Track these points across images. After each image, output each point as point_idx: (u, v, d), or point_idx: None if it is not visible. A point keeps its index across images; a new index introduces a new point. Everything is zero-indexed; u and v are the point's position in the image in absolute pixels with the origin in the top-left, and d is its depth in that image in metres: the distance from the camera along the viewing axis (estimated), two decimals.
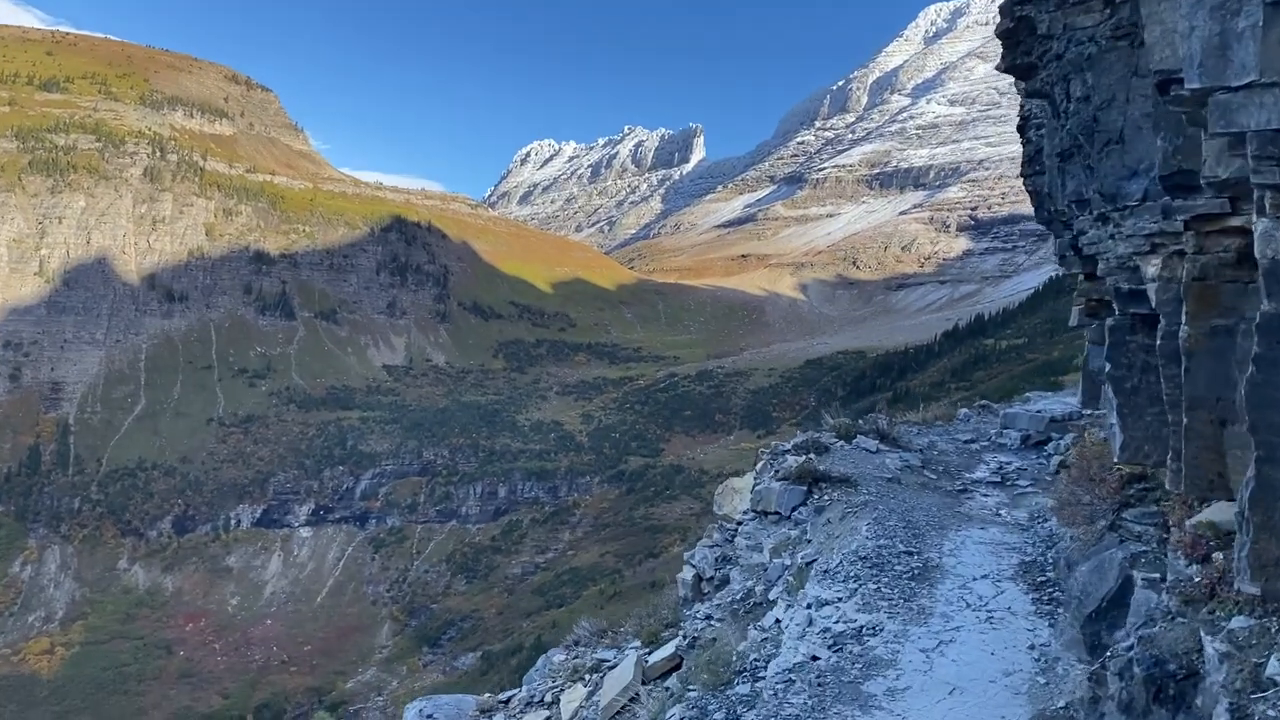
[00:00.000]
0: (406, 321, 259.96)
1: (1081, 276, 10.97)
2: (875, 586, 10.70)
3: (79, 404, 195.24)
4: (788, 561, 13.36)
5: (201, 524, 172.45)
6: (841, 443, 18.36)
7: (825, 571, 11.32)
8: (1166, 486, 7.99)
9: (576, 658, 14.02)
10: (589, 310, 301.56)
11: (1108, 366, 8.84)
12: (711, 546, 16.57)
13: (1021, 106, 13.73)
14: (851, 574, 11.14)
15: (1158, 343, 8.01)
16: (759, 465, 17.76)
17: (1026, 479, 16.79)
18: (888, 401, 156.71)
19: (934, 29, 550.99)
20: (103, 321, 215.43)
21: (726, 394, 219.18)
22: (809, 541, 13.66)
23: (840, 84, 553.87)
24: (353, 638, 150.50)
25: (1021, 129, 13.68)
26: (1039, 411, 21.27)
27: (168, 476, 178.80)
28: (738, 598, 13.48)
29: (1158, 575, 7.62)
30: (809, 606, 10.34)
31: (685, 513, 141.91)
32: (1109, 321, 8.96)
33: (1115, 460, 8.15)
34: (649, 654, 12.43)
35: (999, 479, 16.75)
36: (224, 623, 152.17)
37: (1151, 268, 7.98)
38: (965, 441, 20.28)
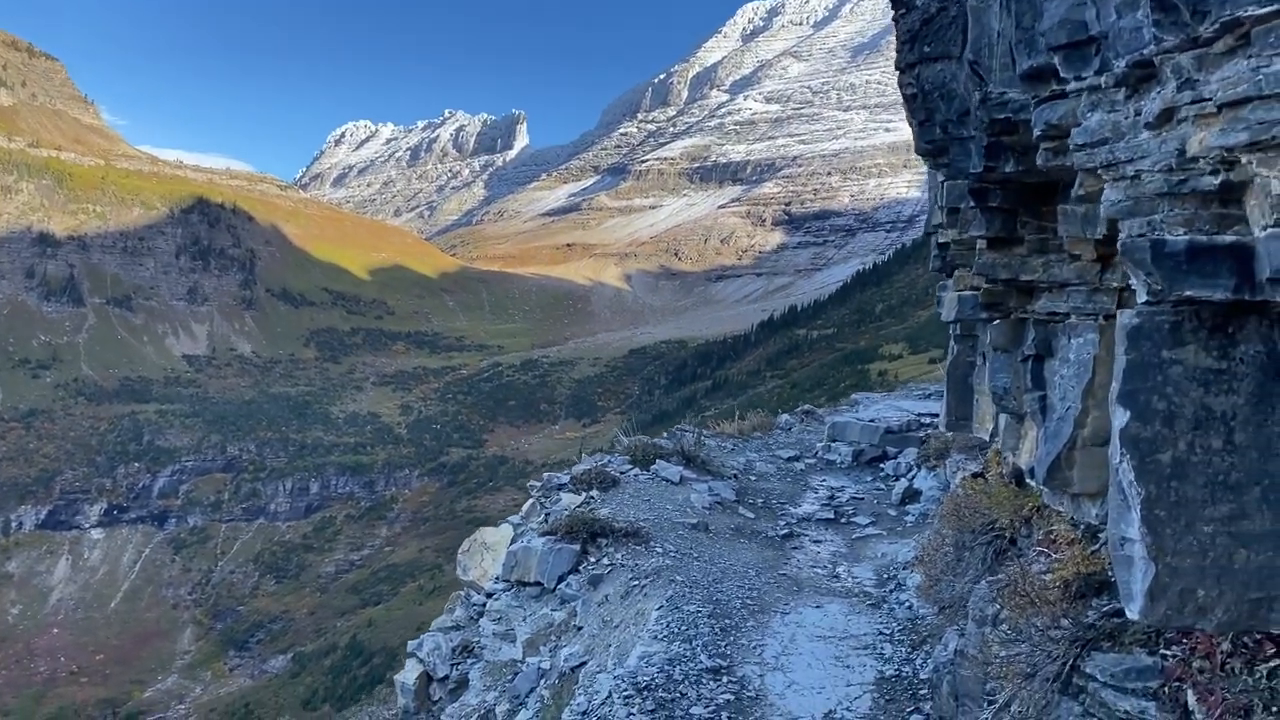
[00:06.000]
0: (209, 309, 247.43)
1: (984, 243, 6.86)
2: None
3: None
4: (546, 663, 10.06)
5: None
6: (636, 470, 14.58)
7: (584, 713, 7.69)
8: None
9: None
10: (408, 298, 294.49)
11: (1122, 416, 4.40)
12: (449, 630, 12.60)
13: None
14: None
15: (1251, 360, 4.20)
16: (526, 506, 14.13)
17: (865, 513, 14.06)
18: (707, 390, 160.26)
19: (751, 27, 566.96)
20: None
21: (551, 383, 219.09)
22: (579, 630, 10.25)
23: (662, 77, 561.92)
24: (151, 644, 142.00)
25: None
26: (871, 420, 18.31)
27: None
28: None
29: None
30: None
31: (509, 504, 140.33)
32: (1127, 320, 4.41)
33: (1135, 614, 4.35)
34: None
35: (831, 514, 13.94)
36: (2, 634, 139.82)
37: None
38: (788, 459, 17.53)
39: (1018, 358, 7.10)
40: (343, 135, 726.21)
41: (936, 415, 17.48)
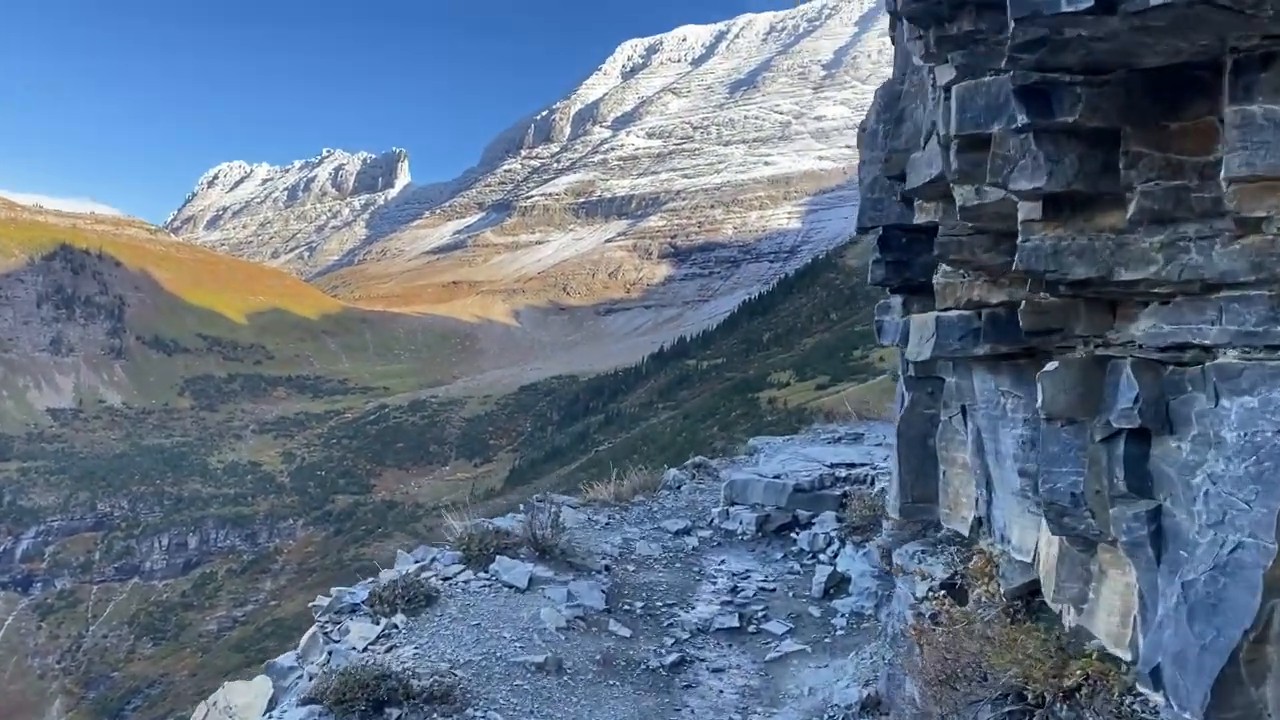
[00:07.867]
0: (74, 359, 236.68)
1: (1036, 207, 3.83)
2: None
3: None
4: None
5: None
6: (468, 574, 10.73)
7: None
8: None
9: None
10: (288, 341, 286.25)
11: None
12: None
13: None
14: None
15: None
16: (305, 640, 9.75)
17: (779, 614, 10.87)
18: (600, 424, 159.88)
19: (631, 64, 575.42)
20: None
21: (441, 423, 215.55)
22: None
23: (544, 114, 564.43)
24: (15, 719, 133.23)
25: None
26: (776, 477, 14.81)
27: None
28: None
29: None
30: None
31: (400, 550, 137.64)
32: None
33: None
34: None
35: (735, 618, 10.66)
36: None
37: None
38: (677, 533, 14.01)
39: (1093, 433, 3.87)
40: (216, 176, 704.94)
41: (852, 466, 15.21)
